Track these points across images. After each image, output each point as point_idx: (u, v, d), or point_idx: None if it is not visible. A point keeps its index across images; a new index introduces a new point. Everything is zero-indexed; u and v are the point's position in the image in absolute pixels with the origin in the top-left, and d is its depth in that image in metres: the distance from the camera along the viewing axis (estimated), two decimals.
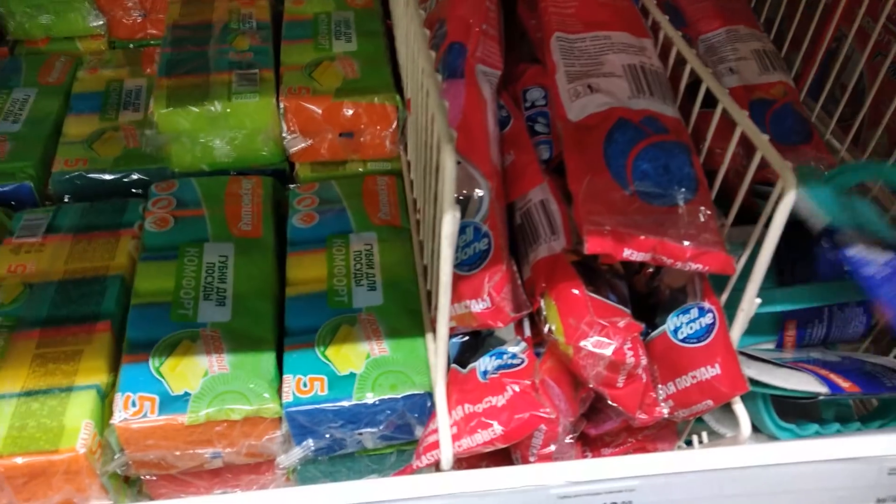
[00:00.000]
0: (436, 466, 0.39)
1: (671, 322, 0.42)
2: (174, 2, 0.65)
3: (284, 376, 0.43)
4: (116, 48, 0.71)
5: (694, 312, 0.42)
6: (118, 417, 0.41)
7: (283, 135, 0.55)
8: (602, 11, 0.49)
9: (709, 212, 0.41)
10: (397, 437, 0.44)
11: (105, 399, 0.43)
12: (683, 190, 0.41)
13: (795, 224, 0.52)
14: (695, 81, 0.45)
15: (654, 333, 0.43)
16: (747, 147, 0.57)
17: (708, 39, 0.64)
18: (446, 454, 0.38)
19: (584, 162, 0.42)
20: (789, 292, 0.49)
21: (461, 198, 0.43)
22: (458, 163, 0.43)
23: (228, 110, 0.54)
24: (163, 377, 0.42)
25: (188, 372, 0.42)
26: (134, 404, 0.41)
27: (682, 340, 0.42)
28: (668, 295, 0.45)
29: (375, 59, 0.59)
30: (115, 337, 0.45)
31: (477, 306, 0.40)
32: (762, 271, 0.38)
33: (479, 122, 0.44)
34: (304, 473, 0.46)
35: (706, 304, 0.42)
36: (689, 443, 0.49)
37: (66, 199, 0.56)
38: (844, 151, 0.61)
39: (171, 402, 0.41)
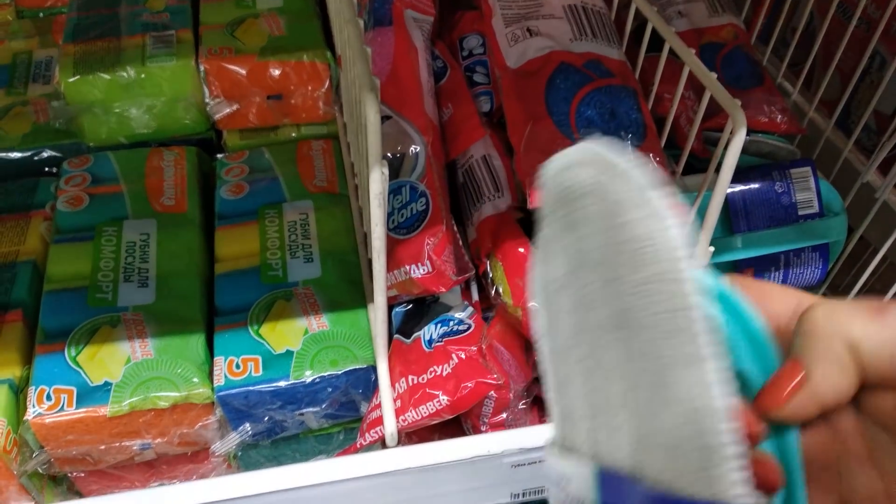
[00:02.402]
0: (381, 443, 0.37)
1: None
2: None
3: (215, 358, 0.40)
4: (24, 18, 0.65)
5: None
6: (32, 413, 0.37)
7: (206, 100, 0.51)
8: None
9: (657, 158, 0.39)
10: (342, 415, 0.42)
11: (19, 394, 0.39)
12: (631, 136, 0.39)
13: (748, 170, 0.50)
14: (640, 27, 0.42)
15: None
16: (697, 92, 0.55)
17: None
18: (390, 430, 0.36)
19: (525, 110, 0.39)
20: (743, 239, 0.48)
21: (396, 155, 0.40)
22: (389, 117, 0.40)
23: (143, 76, 0.49)
24: (80, 367, 0.38)
25: (109, 360, 0.39)
26: (49, 398, 0.38)
27: None
28: None
29: (303, 15, 0.55)
30: (28, 327, 0.42)
31: (417, 271, 0.38)
32: (715, 215, 0.36)
33: (410, 72, 0.40)
34: (247, 459, 0.43)
35: None
36: None
37: None
38: (797, 94, 0.59)
39: (90, 394, 0.38)
